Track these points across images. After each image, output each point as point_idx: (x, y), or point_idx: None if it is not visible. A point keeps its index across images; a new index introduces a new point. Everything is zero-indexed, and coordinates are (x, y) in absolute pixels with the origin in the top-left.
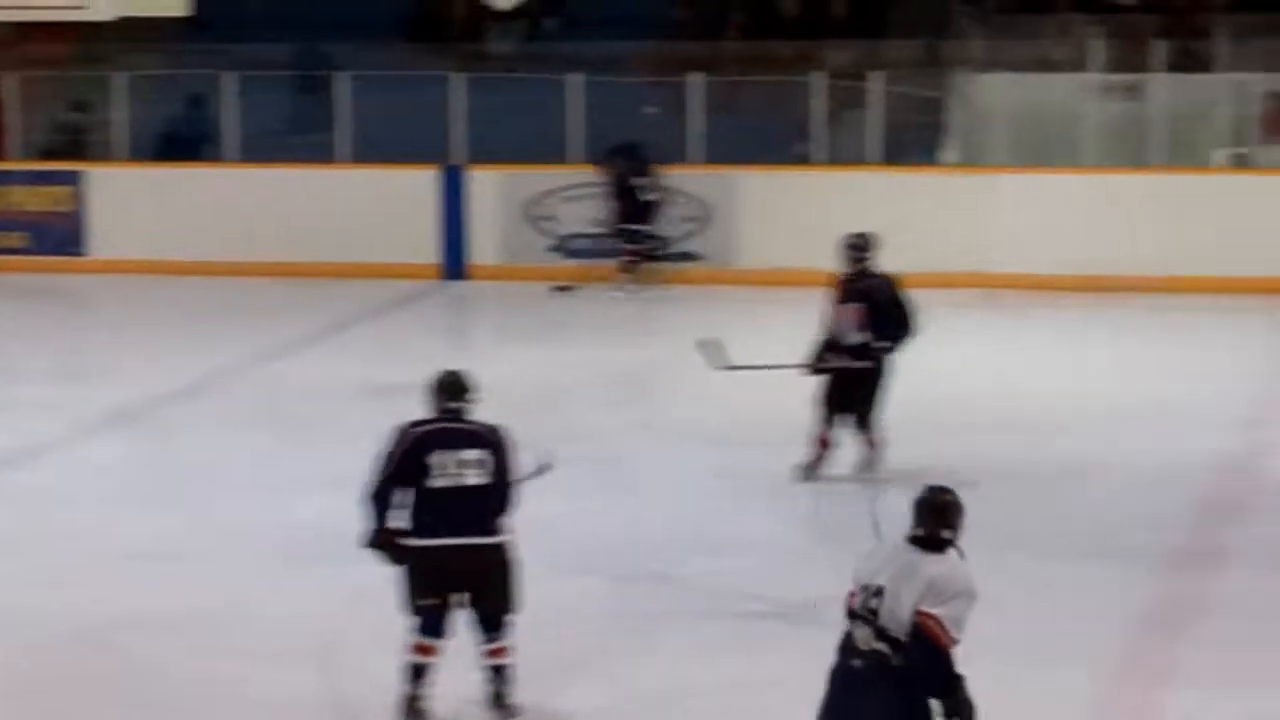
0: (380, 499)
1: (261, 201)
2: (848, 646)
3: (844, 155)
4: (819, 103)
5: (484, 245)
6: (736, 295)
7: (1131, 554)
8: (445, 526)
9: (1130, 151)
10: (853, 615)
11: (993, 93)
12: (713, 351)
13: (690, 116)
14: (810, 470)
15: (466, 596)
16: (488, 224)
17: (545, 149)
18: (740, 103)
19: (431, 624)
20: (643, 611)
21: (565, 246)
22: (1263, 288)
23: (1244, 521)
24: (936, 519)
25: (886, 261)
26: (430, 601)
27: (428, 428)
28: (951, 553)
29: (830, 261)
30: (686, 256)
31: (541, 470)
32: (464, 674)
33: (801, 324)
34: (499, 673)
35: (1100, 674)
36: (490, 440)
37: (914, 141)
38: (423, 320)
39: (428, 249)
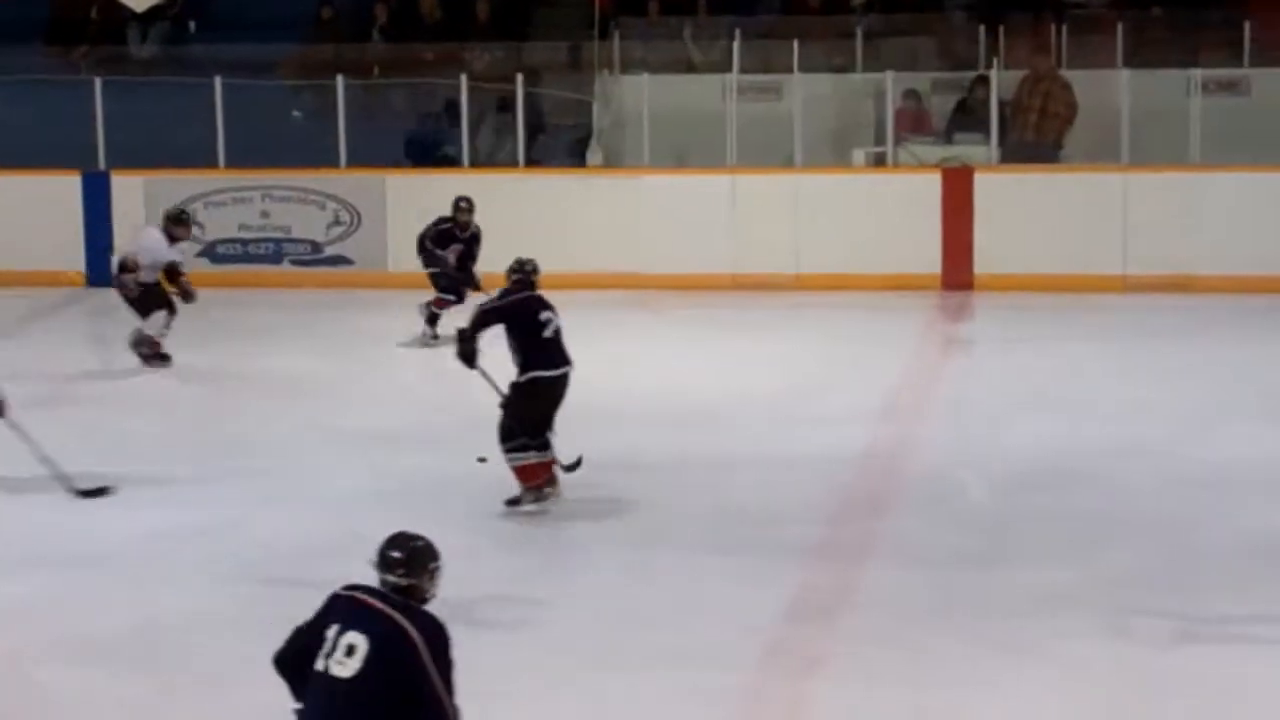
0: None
1: None
2: None
3: (490, 157)
4: (464, 105)
5: None
6: (386, 299)
7: (778, 547)
8: None
9: (771, 151)
10: None
11: (636, 94)
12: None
13: (336, 120)
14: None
15: None
16: (133, 230)
17: (190, 154)
18: (386, 106)
19: None
20: (291, 616)
21: (212, 252)
22: (902, 284)
23: (885, 514)
24: None
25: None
26: None
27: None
28: None
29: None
30: (337, 261)
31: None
32: None
33: (450, 326)
34: None
35: (749, 667)
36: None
37: (559, 144)
38: (69, 329)
39: (73, 256)
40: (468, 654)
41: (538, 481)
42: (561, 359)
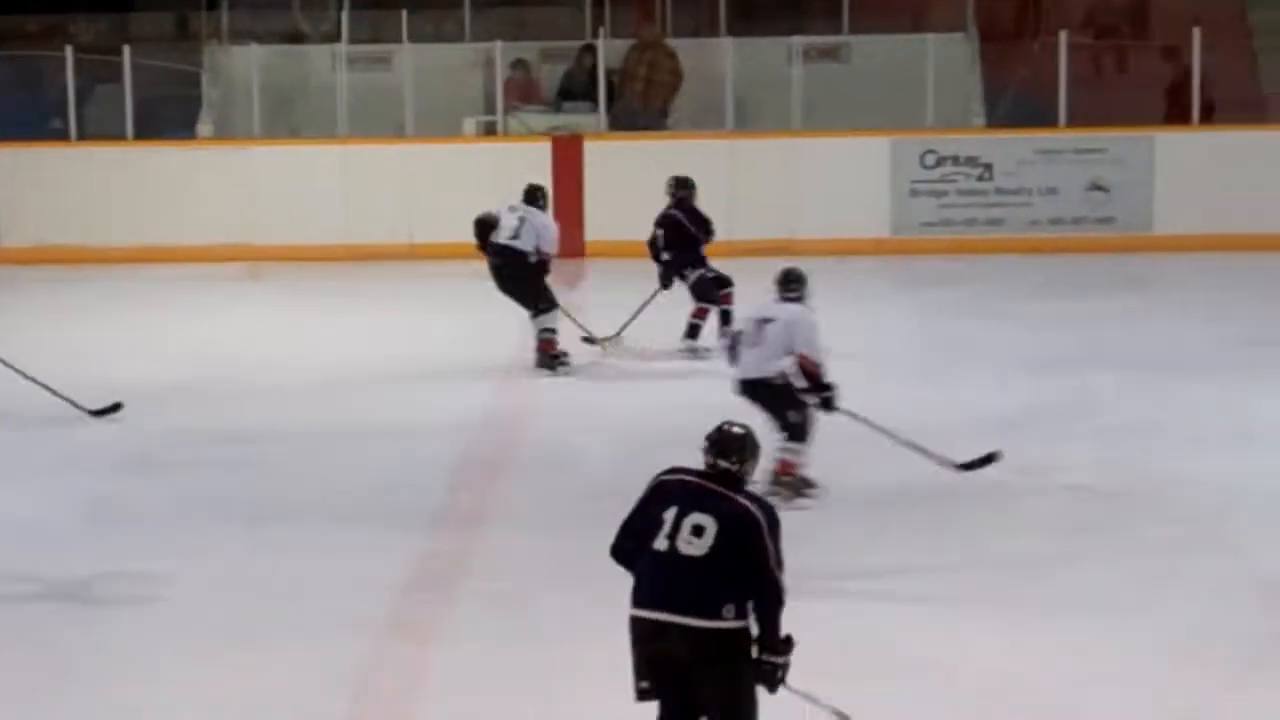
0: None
1: None
2: None
3: (98, 130)
4: (71, 77)
5: None
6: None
7: (398, 515)
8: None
9: (382, 121)
10: None
11: (245, 65)
12: None
13: None
14: None
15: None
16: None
17: None
18: None
19: None
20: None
21: None
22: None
23: (504, 479)
24: None
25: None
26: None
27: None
28: None
29: (84, 237)
30: None
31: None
32: None
33: (67, 302)
34: None
35: (371, 636)
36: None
37: (168, 115)
38: None
39: None
40: (89, 633)
41: None
42: None
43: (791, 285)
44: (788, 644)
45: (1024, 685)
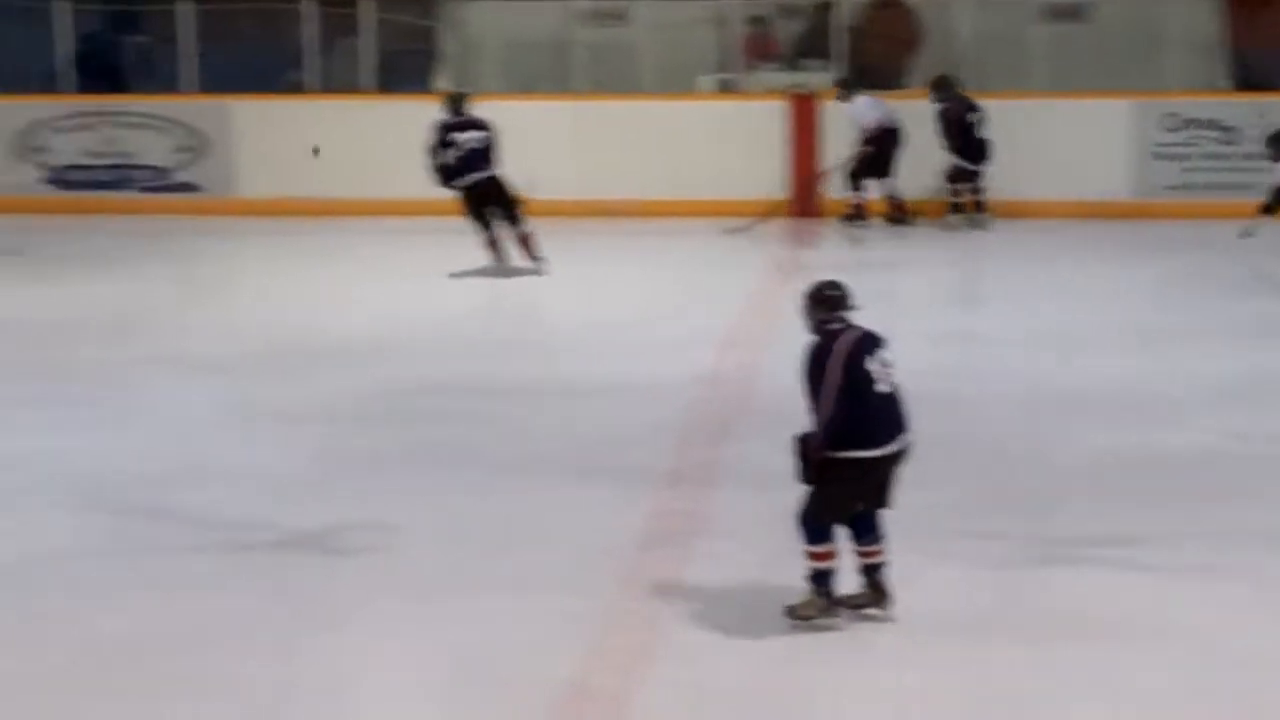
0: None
1: None
2: None
3: (337, 83)
4: (311, 30)
5: None
6: (236, 226)
7: (629, 472)
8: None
9: (618, 78)
10: None
11: (483, 20)
12: None
13: (182, 45)
14: None
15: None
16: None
17: (34, 79)
18: (232, 31)
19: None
20: (148, 545)
21: (61, 178)
22: (748, 210)
23: (730, 440)
24: None
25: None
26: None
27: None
28: None
29: (324, 189)
30: (185, 187)
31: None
32: None
33: (306, 253)
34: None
35: (602, 593)
36: None
37: (407, 69)
38: None
39: None
40: (323, 580)
41: None
42: None
43: None
44: None
45: (1240, 657)
